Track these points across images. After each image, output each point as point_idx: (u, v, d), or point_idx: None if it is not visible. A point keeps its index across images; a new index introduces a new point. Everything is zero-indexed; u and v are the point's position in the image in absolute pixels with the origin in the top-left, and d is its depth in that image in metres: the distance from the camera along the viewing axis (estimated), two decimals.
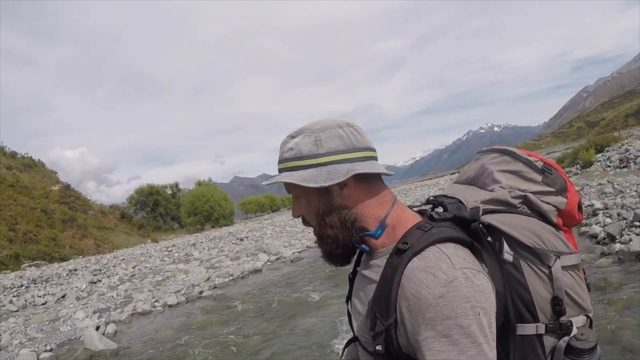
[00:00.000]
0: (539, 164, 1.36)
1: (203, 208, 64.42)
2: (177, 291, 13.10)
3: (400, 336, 1.09)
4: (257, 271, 15.39)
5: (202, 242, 28.23)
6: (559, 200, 1.30)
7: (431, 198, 1.37)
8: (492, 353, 1.01)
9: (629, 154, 17.02)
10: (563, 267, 1.19)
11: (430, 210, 1.27)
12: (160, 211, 67.53)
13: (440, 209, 1.27)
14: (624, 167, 16.25)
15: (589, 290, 1.29)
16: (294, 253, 17.61)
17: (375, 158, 1.24)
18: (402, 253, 1.11)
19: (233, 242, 26.12)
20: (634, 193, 10.80)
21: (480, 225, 1.17)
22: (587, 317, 1.24)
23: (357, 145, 1.20)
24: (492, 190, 1.34)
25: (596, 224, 9.35)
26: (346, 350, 1.51)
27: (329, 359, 6.59)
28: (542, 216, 1.28)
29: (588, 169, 18.36)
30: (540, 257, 1.18)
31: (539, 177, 1.33)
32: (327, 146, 1.18)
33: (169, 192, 71.21)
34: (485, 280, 1.07)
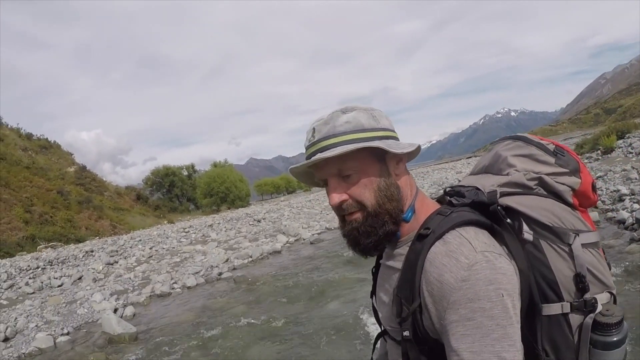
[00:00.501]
0: (551, 147, 1.37)
1: (219, 189, 64.12)
2: (196, 272, 12.80)
3: (425, 320, 1.09)
4: (276, 252, 15.11)
5: (219, 224, 27.97)
6: (573, 180, 1.32)
7: (448, 189, 1.36)
8: (516, 335, 1.01)
9: None
10: (583, 245, 1.19)
11: (449, 198, 1.28)
12: (176, 192, 67.14)
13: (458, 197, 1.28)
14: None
15: (609, 269, 1.28)
16: (313, 235, 17.37)
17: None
18: (424, 238, 1.12)
19: (250, 223, 25.79)
20: None
21: (499, 207, 1.20)
22: (611, 294, 1.22)
23: (392, 127, 1.24)
24: (507, 174, 1.36)
25: (623, 209, 9.24)
26: (377, 345, 1.56)
27: (354, 346, 6.24)
28: (558, 196, 1.29)
29: (609, 155, 18.06)
30: (560, 235, 1.19)
31: (552, 159, 1.34)
32: (382, 123, 1.20)
33: (185, 173, 70.81)
34: (507, 263, 1.07)
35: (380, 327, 1.36)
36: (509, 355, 0.98)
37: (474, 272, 1.02)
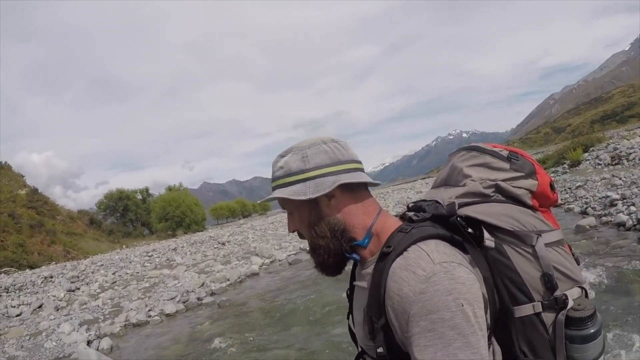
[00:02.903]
0: (504, 153, 1.41)
1: (174, 214, 62.33)
2: (172, 298, 11.70)
3: (395, 335, 1.11)
4: (254, 274, 14.28)
5: (183, 247, 26.74)
6: (530, 183, 1.35)
7: (411, 205, 1.39)
8: (479, 343, 1.01)
9: (619, 152, 17.45)
10: (547, 244, 1.22)
11: (409, 214, 1.30)
12: (130, 217, 64.81)
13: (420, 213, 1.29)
14: (616, 164, 16.53)
15: (578, 264, 1.30)
16: (289, 255, 16.71)
17: (361, 169, 1.30)
18: (387, 256, 1.14)
19: (215, 246, 24.83)
20: None
21: (458, 218, 1.20)
22: (581, 288, 1.25)
23: (341, 158, 1.26)
24: (464, 185, 1.38)
25: (618, 213, 9.58)
26: None
27: None
28: (517, 200, 1.32)
29: (577, 168, 18.87)
30: (522, 238, 1.22)
31: (507, 165, 1.37)
32: (314, 161, 1.24)
33: (139, 197, 68.63)
34: (466, 272, 1.08)
35: (357, 348, 1.37)
36: None
37: (432, 284, 1.03)
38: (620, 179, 12.93)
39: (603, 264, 7.04)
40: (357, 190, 1.28)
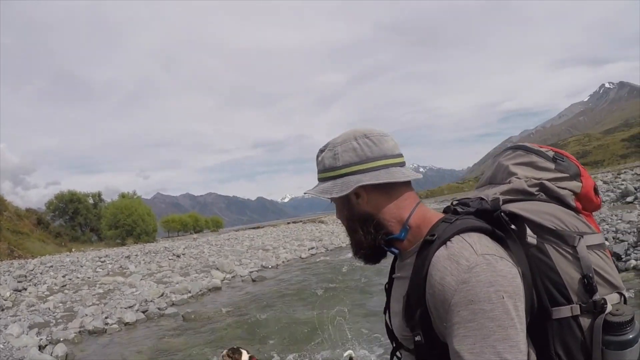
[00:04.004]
0: (550, 154, 1.37)
1: (126, 222, 60.32)
2: (130, 307, 10.96)
3: (434, 324, 1.09)
4: (216, 288, 13.75)
5: (136, 255, 25.59)
6: (574, 184, 1.31)
7: (455, 202, 1.34)
8: (518, 336, 0.99)
9: None
10: (588, 247, 1.17)
11: (453, 207, 1.28)
12: (79, 220, 61.76)
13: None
14: None
15: (618, 271, 1.23)
16: (251, 272, 16.36)
17: (394, 164, 1.25)
18: (430, 244, 1.12)
19: (170, 257, 23.96)
20: (619, 221, 12.00)
21: (502, 213, 1.17)
22: (620, 294, 1.19)
23: (370, 155, 1.23)
24: (509, 183, 1.35)
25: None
26: None
27: None
28: (560, 201, 1.28)
29: None
30: (564, 238, 1.17)
31: (552, 165, 1.34)
32: (343, 159, 1.24)
33: (91, 201, 65.91)
34: (508, 266, 1.06)
35: (393, 344, 1.33)
36: (511, 357, 0.96)
37: (474, 274, 1.01)
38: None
39: None
40: (391, 186, 1.24)
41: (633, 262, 8.31)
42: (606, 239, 10.08)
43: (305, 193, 1.38)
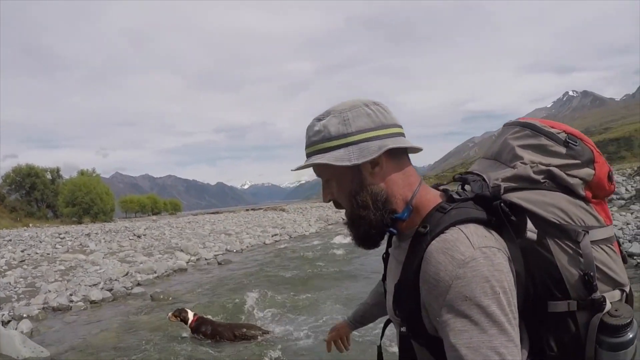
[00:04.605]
0: (562, 136, 1.25)
1: (83, 200, 58.93)
2: (95, 284, 10.70)
3: (424, 318, 1.07)
4: (182, 270, 13.59)
5: (96, 234, 25.03)
6: (586, 172, 1.21)
7: (457, 175, 1.33)
8: (514, 331, 0.98)
9: None
10: (593, 242, 1.13)
11: (450, 192, 1.23)
12: (36, 196, 59.75)
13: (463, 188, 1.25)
14: None
15: (624, 263, 1.22)
16: (216, 255, 16.27)
17: (403, 135, 1.20)
18: (422, 236, 1.09)
19: (130, 237, 23.53)
20: None
21: (502, 204, 1.12)
22: (623, 291, 1.16)
23: (385, 122, 1.16)
24: (514, 167, 1.25)
25: None
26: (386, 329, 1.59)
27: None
28: (569, 190, 1.20)
29: None
30: (568, 233, 1.12)
31: (563, 150, 1.23)
32: (356, 125, 1.15)
33: (49, 177, 64.01)
34: (505, 259, 1.04)
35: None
36: (507, 351, 0.95)
37: (470, 269, 0.98)
38: None
39: None
40: (401, 158, 1.19)
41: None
42: None
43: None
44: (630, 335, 1.10)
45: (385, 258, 1.35)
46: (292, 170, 1.28)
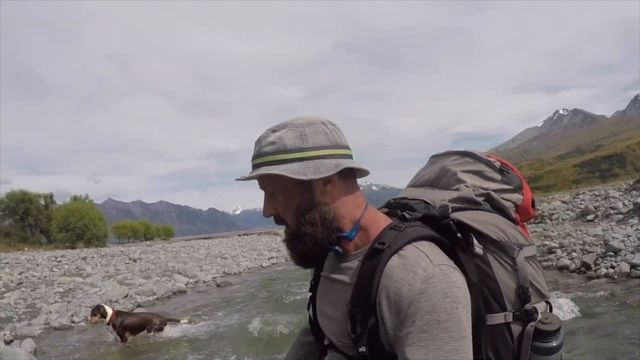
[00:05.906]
0: (497, 164, 1.38)
1: (76, 225, 58.57)
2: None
3: (382, 335, 1.06)
4: (182, 292, 13.36)
5: (93, 257, 24.76)
6: (517, 197, 1.35)
7: (392, 201, 1.36)
8: (468, 347, 1.00)
9: (542, 212, 19.88)
10: (525, 258, 1.20)
11: (400, 211, 1.26)
12: (29, 221, 59.35)
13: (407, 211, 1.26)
14: (539, 222, 17.94)
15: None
16: (214, 277, 16.06)
17: (352, 157, 1.20)
18: (380, 253, 1.08)
19: (126, 261, 23.37)
20: (585, 235, 12.18)
21: (451, 222, 1.16)
22: (547, 302, 1.25)
23: (339, 142, 1.17)
24: (457, 190, 1.34)
25: (559, 258, 10.67)
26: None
27: None
28: (502, 212, 1.30)
29: None
30: (505, 249, 1.19)
31: (499, 176, 1.36)
32: (313, 141, 1.13)
33: (42, 202, 63.56)
34: (460, 276, 1.05)
35: (316, 339, 1.34)
36: None
37: (430, 285, 0.99)
38: (552, 232, 14.36)
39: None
40: (351, 179, 1.20)
41: (604, 271, 8.98)
42: (574, 251, 10.73)
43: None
44: (560, 340, 1.18)
45: (314, 285, 1.34)
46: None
